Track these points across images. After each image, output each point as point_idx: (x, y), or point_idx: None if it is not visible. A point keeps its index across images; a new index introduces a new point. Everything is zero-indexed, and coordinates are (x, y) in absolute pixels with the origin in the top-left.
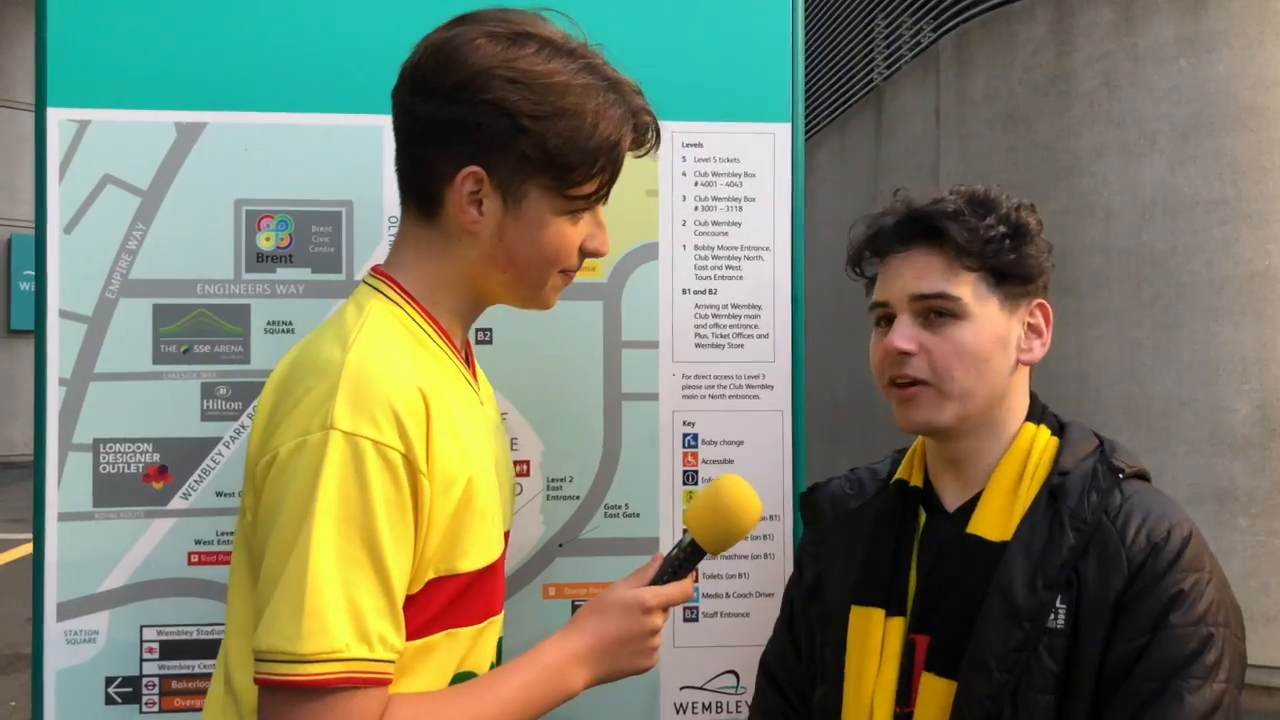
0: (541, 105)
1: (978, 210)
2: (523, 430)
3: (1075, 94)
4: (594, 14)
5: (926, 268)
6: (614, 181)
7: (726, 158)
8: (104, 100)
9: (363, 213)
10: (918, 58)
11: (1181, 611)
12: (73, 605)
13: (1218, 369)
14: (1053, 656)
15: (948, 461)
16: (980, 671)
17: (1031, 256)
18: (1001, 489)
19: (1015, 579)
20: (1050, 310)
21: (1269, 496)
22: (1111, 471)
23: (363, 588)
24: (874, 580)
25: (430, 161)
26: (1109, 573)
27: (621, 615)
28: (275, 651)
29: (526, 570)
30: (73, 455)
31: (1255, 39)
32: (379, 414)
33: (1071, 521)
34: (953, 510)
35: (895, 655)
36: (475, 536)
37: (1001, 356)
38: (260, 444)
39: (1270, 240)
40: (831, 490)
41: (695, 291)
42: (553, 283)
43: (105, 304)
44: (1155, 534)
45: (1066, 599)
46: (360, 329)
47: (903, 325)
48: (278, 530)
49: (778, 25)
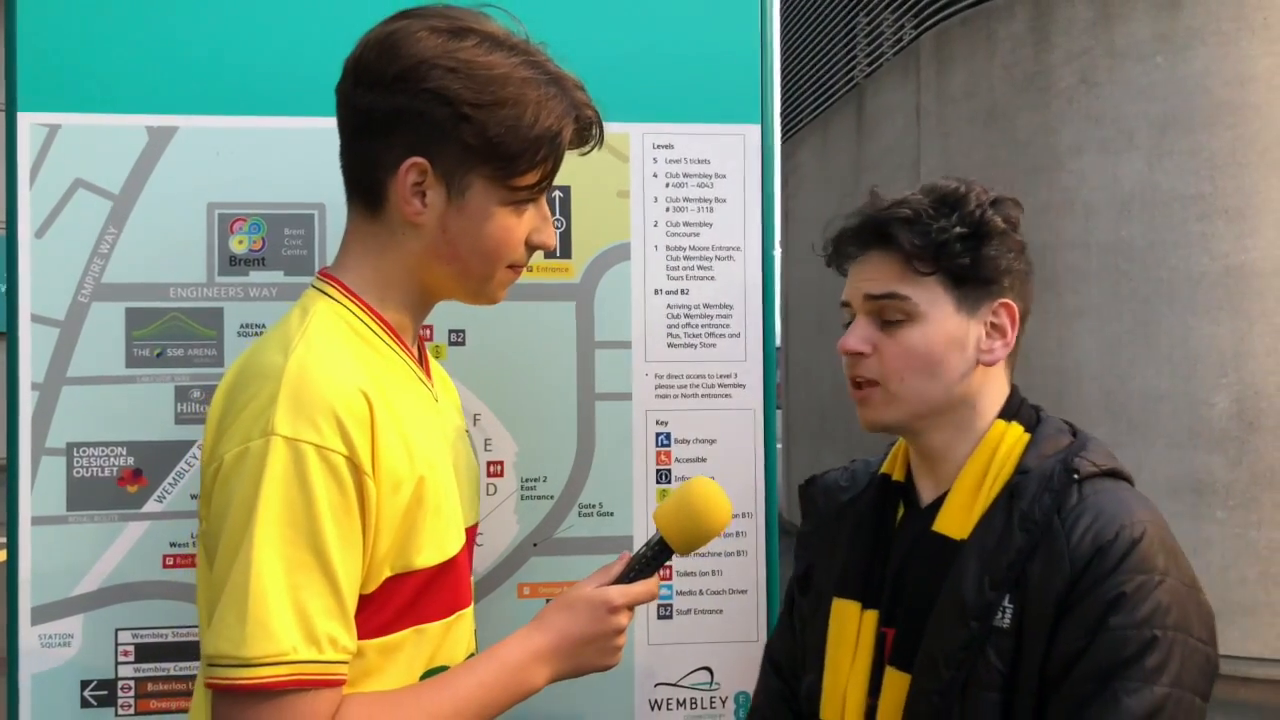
0: (482, 94)
1: (942, 209)
2: (496, 430)
3: (1054, 91)
4: (563, 16)
5: (880, 269)
6: (555, 173)
7: (697, 159)
8: (75, 104)
9: (335, 215)
10: (898, 55)
11: (1123, 614)
12: (47, 609)
13: (1196, 363)
14: (1000, 656)
15: (921, 457)
16: (930, 668)
17: (991, 258)
18: (965, 488)
19: (966, 578)
20: (1015, 309)
21: (1247, 490)
22: (1067, 471)
23: (309, 590)
24: (853, 573)
25: (373, 153)
26: (1053, 573)
27: (588, 613)
28: (222, 656)
29: (501, 570)
30: (46, 459)
31: (1231, 36)
32: (320, 418)
33: (1021, 522)
34: (926, 506)
35: (869, 647)
36: (430, 533)
37: (957, 357)
38: (209, 452)
39: (1247, 235)
40: (827, 482)
41: (667, 292)
42: (500, 278)
43: (78, 308)
44: (1102, 535)
45: (1014, 599)
46: (303, 333)
47: (857, 326)
48: (224, 537)
49: (748, 28)
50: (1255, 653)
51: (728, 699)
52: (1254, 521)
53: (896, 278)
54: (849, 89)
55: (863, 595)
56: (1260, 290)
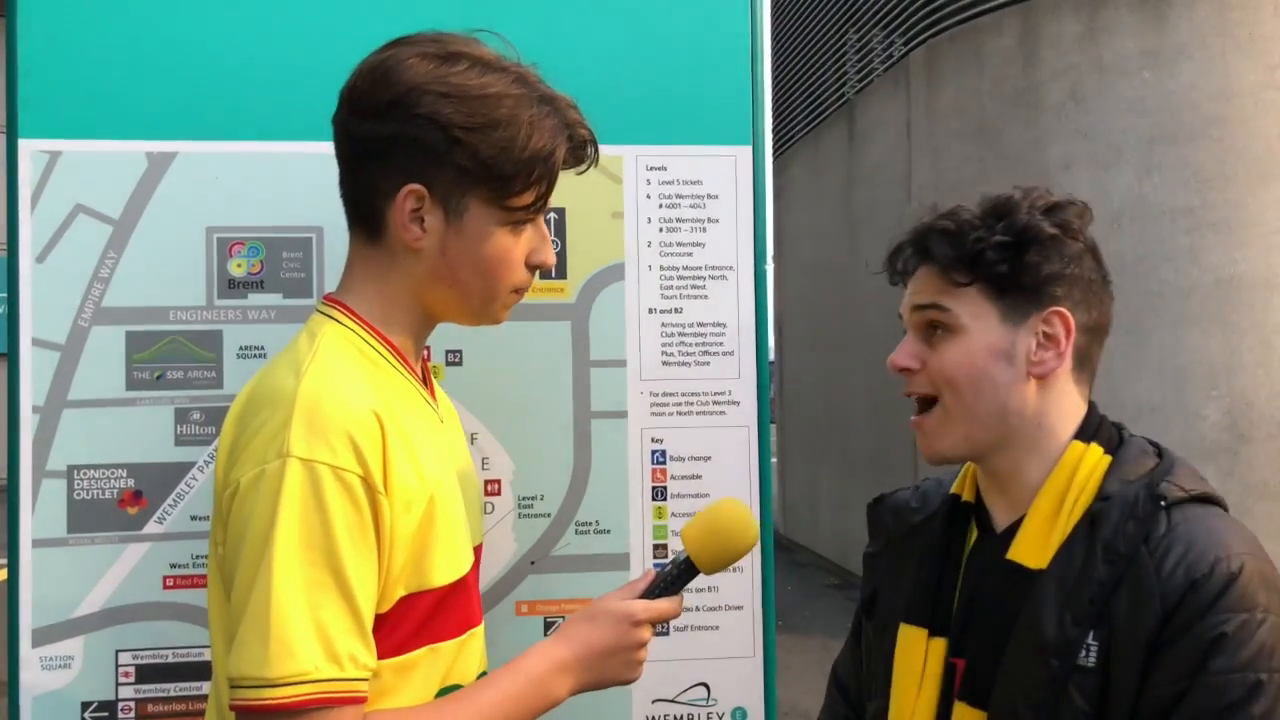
0: (474, 117)
1: (989, 219)
2: (493, 449)
3: (1043, 106)
4: (556, 40)
5: (925, 282)
6: (550, 192)
7: (690, 180)
8: (75, 130)
9: (332, 238)
10: (889, 71)
11: (1224, 657)
12: (48, 631)
13: (1186, 375)
14: (1084, 696)
15: (991, 478)
16: (1007, 707)
17: (1033, 264)
18: (1042, 513)
19: (1044, 612)
20: (1070, 318)
21: (1239, 501)
22: (1154, 498)
23: (329, 609)
24: (921, 598)
25: (370, 181)
26: (1141, 610)
27: (612, 626)
28: (245, 678)
29: (499, 588)
30: (47, 482)
31: (1216, 51)
32: (334, 439)
33: (1104, 553)
34: (1001, 530)
35: (936, 677)
36: (442, 552)
37: (1004, 370)
38: (223, 477)
39: (1236, 247)
40: (896, 502)
41: (662, 311)
42: (503, 300)
43: (78, 332)
44: (1196, 569)
45: (1099, 636)
46: (313, 356)
47: (905, 342)
48: (243, 559)
49: (738, 50)
50: None
51: (725, 715)
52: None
53: (937, 289)
54: (840, 105)
55: (930, 623)
56: (1250, 302)
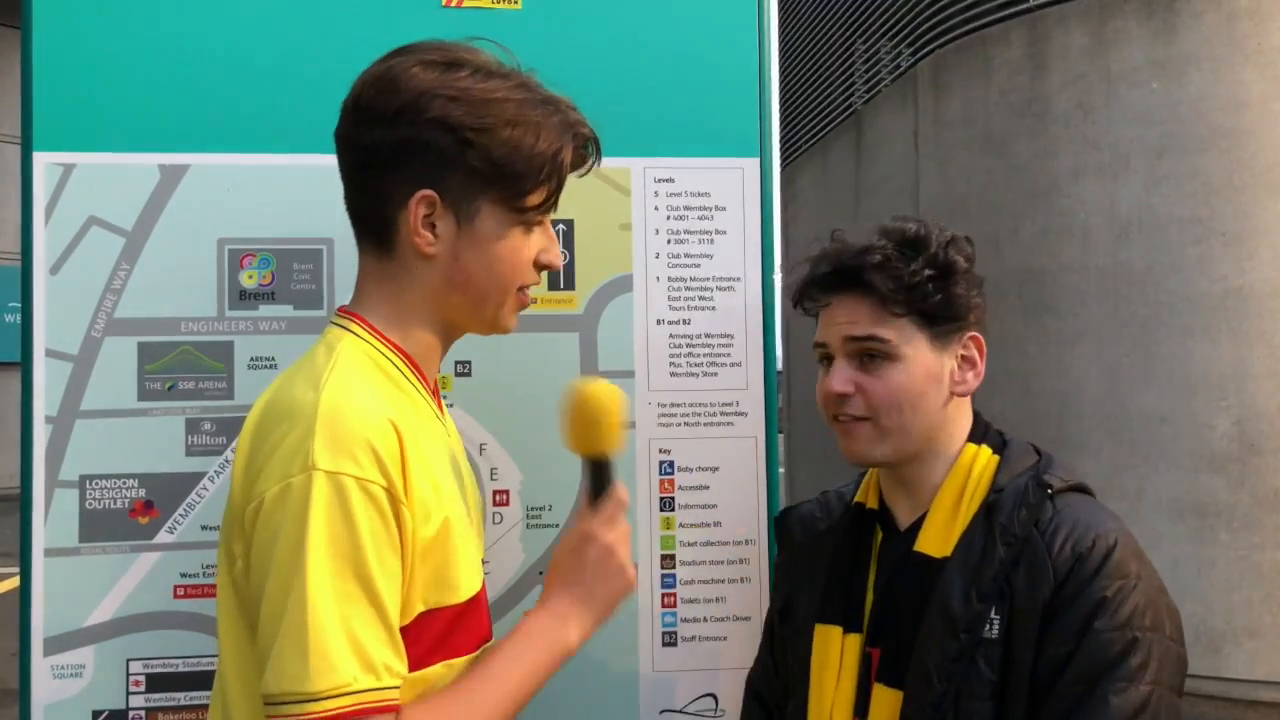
0: (484, 119)
1: (906, 253)
2: (502, 460)
3: (1050, 116)
4: (565, 53)
5: (856, 312)
6: (559, 191)
7: (697, 192)
8: (89, 144)
9: (343, 250)
10: (896, 81)
11: (1105, 617)
12: (59, 640)
13: (1196, 386)
14: (989, 665)
15: (897, 483)
16: (923, 681)
17: (959, 295)
18: (944, 508)
19: (952, 593)
20: (983, 340)
21: (1249, 512)
22: (1041, 487)
23: (361, 620)
24: (834, 598)
25: (380, 190)
26: (1038, 583)
27: (575, 553)
28: (286, 694)
29: (507, 598)
30: (59, 491)
31: (1225, 61)
32: (358, 450)
33: (1002, 536)
34: (904, 529)
35: (853, 668)
36: (458, 568)
37: (935, 391)
38: (244, 491)
39: (1245, 258)
40: (802, 513)
41: (669, 322)
42: (510, 303)
43: (91, 343)
44: (1080, 544)
45: (1000, 610)
46: (332, 368)
47: (839, 369)
48: (273, 574)
49: (746, 63)
50: (1260, 675)
51: None
52: (1257, 544)
53: (874, 320)
54: (847, 115)
55: (844, 620)
56: (1259, 312)
